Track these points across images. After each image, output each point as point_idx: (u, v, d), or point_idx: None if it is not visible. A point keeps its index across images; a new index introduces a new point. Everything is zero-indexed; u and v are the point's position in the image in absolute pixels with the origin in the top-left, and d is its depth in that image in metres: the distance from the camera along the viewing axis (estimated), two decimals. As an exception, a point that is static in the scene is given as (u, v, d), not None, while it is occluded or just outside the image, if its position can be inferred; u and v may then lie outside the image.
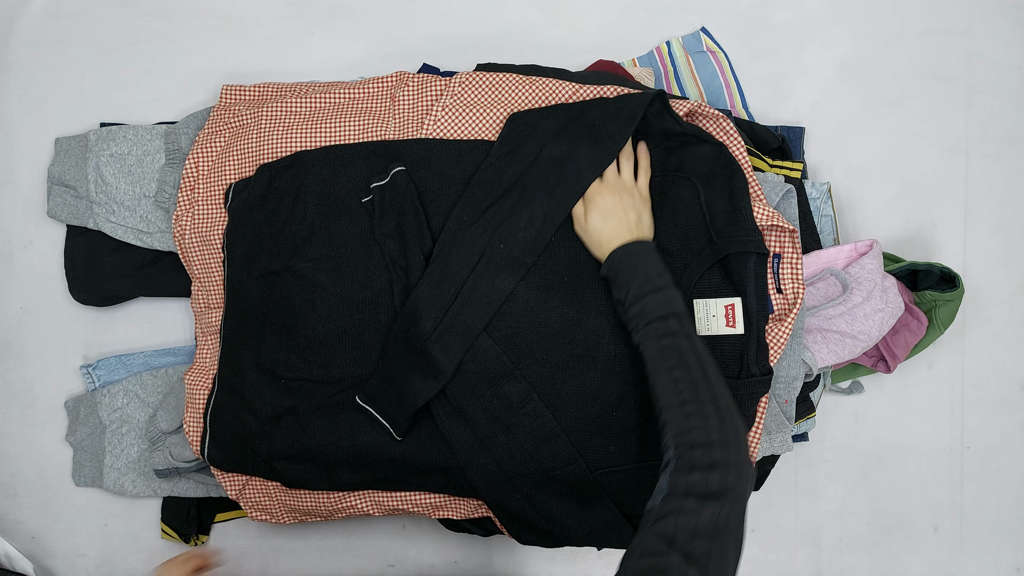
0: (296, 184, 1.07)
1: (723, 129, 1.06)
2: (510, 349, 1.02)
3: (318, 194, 1.06)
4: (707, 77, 1.24)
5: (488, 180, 1.03)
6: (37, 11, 1.28)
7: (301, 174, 1.07)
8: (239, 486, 1.14)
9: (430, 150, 1.06)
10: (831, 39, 1.26)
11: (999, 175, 1.25)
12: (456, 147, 1.06)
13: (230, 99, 1.18)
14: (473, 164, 1.05)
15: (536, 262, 1.02)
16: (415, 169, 1.06)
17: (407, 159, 1.06)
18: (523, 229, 1.01)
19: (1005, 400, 1.25)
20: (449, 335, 1.00)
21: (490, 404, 1.02)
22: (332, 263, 1.05)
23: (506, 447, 1.02)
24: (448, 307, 1.01)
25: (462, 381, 1.02)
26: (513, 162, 1.03)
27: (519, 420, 1.02)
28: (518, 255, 1.01)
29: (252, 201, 1.09)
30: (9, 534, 1.28)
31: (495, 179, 1.03)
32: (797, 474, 1.25)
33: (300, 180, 1.07)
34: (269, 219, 1.08)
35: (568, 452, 1.02)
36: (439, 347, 1.00)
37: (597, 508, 1.03)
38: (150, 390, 1.22)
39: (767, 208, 1.03)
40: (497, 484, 1.04)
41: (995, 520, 1.25)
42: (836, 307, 1.09)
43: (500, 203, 1.02)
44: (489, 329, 1.02)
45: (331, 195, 1.06)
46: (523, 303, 1.01)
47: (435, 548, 1.26)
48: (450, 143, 1.06)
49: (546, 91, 1.07)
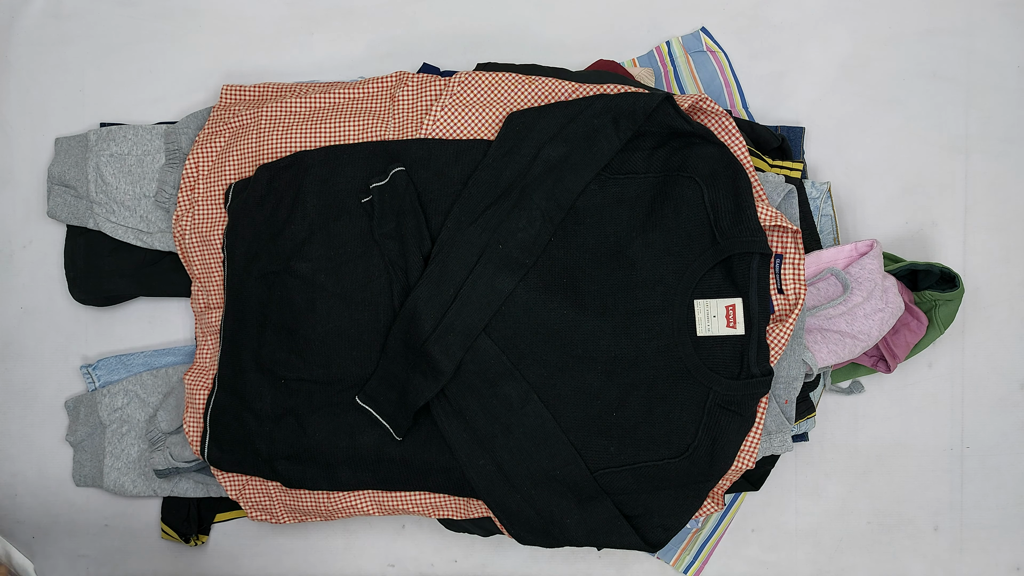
0: (296, 184, 1.07)
1: (724, 128, 1.06)
2: (509, 349, 1.02)
3: (318, 194, 1.06)
4: (707, 77, 1.24)
5: (486, 180, 1.03)
6: (37, 11, 1.28)
7: (300, 174, 1.07)
8: (239, 486, 1.14)
9: (429, 150, 1.06)
10: (831, 38, 1.26)
11: (999, 174, 1.25)
12: (455, 147, 1.06)
13: (230, 99, 1.18)
14: (472, 164, 1.05)
15: (535, 263, 1.02)
16: (414, 169, 1.06)
17: (406, 159, 1.06)
18: (522, 230, 1.01)
19: (1005, 400, 1.25)
20: (449, 335, 1.00)
21: (490, 404, 1.02)
22: (331, 263, 1.05)
23: (506, 447, 1.02)
24: (447, 307, 1.01)
25: (462, 381, 1.02)
26: (511, 162, 1.03)
27: (519, 420, 1.02)
28: (517, 255, 1.01)
29: (252, 201, 1.09)
30: (9, 534, 1.28)
31: (493, 179, 1.03)
32: (797, 474, 1.25)
33: (300, 180, 1.07)
34: (269, 219, 1.08)
35: (568, 452, 1.02)
36: (439, 347, 1.00)
37: (597, 508, 1.03)
38: (150, 390, 1.22)
39: (770, 208, 1.03)
40: (496, 484, 1.04)
41: (995, 520, 1.25)
42: (836, 307, 1.09)
43: (499, 204, 1.02)
44: (488, 329, 1.02)
45: (331, 195, 1.06)
46: (522, 304, 1.01)
47: (435, 548, 1.26)
48: (449, 143, 1.06)
49: (546, 90, 1.07)
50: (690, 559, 1.22)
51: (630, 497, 1.03)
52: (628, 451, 1.02)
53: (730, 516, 1.24)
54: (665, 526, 1.02)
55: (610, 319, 1.01)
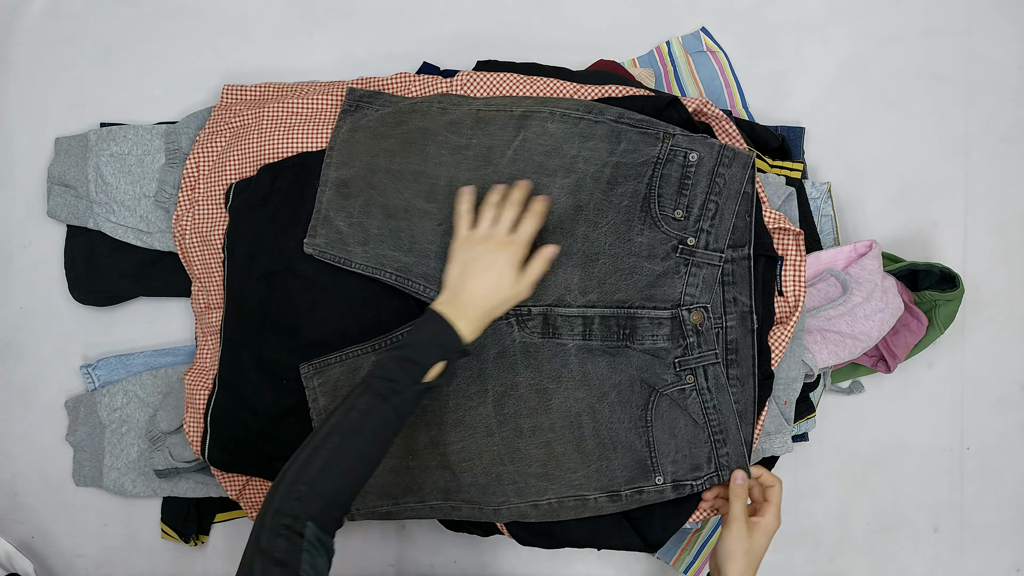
0: (298, 185, 1.07)
1: (724, 130, 1.07)
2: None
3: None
4: (707, 77, 1.24)
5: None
6: (37, 11, 1.28)
7: (303, 175, 1.07)
8: (239, 486, 1.14)
9: (430, 150, 1.06)
10: (831, 39, 1.25)
11: (999, 174, 1.25)
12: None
13: (231, 99, 1.18)
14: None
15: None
16: (415, 169, 1.06)
17: (407, 159, 1.06)
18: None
19: (1005, 400, 1.25)
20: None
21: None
22: (333, 264, 1.05)
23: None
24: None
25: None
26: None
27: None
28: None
29: (254, 201, 1.09)
30: (9, 534, 1.28)
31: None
32: (797, 474, 1.25)
33: (302, 181, 1.07)
34: (271, 220, 1.08)
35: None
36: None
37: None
38: (150, 390, 1.22)
39: (772, 211, 1.03)
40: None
41: (995, 520, 1.25)
42: (836, 308, 1.09)
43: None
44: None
45: (332, 196, 1.07)
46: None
47: (435, 548, 1.26)
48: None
49: (546, 91, 1.07)
50: (690, 559, 1.22)
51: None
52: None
53: (730, 516, 1.24)
54: (664, 526, 1.02)
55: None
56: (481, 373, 1.00)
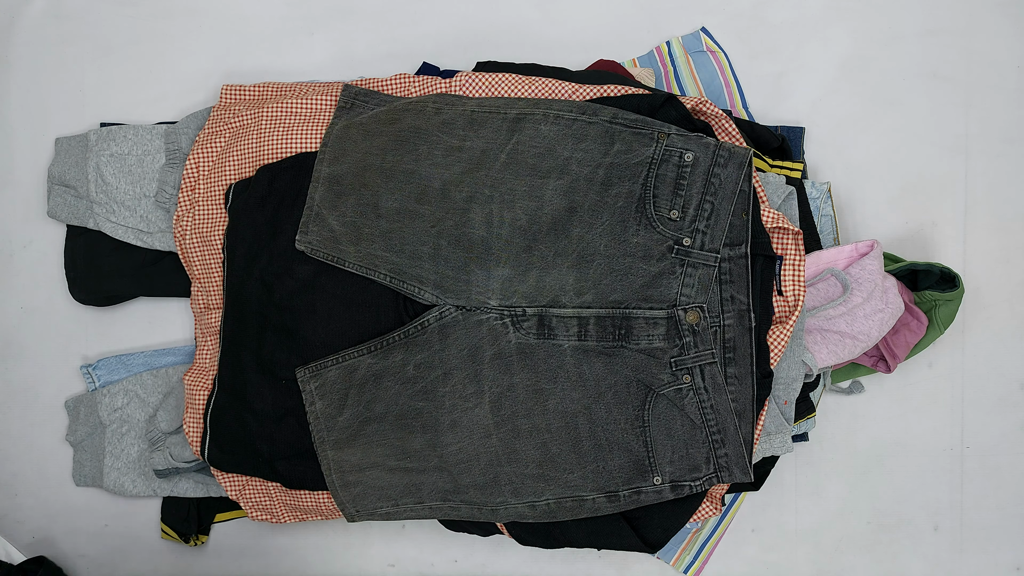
0: (297, 185, 1.07)
1: (724, 129, 1.07)
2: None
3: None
4: (707, 77, 1.24)
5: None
6: (37, 11, 1.28)
7: (301, 176, 1.07)
8: (239, 486, 1.14)
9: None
10: (831, 39, 1.26)
11: (999, 174, 1.25)
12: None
13: (230, 99, 1.18)
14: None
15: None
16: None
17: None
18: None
19: (1005, 400, 1.25)
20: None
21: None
22: (332, 265, 1.05)
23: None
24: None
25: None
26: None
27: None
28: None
29: (253, 202, 1.09)
30: (9, 534, 1.28)
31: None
32: (797, 474, 1.25)
33: (301, 182, 1.07)
34: (270, 220, 1.08)
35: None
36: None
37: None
38: (150, 390, 1.22)
39: (771, 210, 1.03)
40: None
41: (995, 520, 1.25)
42: (836, 308, 1.09)
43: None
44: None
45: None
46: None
47: (435, 548, 1.26)
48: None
49: (546, 91, 1.07)
50: (690, 559, 1.22)
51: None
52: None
53: (730, 516, 1.24)
54: (664, 527, 1.03)
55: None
56: (477, 374, 1.00)
